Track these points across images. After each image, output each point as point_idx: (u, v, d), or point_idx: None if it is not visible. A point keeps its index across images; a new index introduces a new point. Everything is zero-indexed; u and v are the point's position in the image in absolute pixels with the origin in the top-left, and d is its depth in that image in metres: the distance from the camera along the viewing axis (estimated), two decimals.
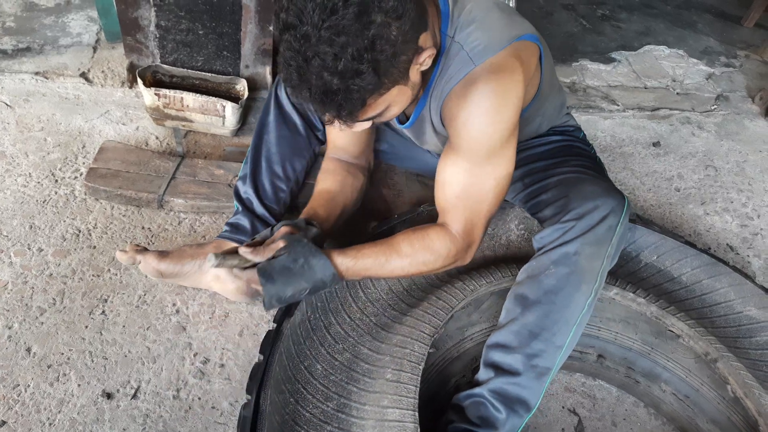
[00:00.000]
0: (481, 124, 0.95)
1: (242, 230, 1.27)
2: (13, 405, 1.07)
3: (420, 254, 1.04)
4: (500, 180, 1.01)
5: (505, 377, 1.01)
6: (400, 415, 0.91)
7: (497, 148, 0.98)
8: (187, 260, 1.21)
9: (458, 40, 0.97)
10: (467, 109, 0.95)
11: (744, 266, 1.66)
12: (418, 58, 0.89)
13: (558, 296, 1.00)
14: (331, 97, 0.82)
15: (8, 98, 1.73)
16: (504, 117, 0.95)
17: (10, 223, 1.39)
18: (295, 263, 0.98)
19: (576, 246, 1.00)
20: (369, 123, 0.97)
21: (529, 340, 1.01)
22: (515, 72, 0.95)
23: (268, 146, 1.33)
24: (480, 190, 1.01)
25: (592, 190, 1.04)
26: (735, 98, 2.46)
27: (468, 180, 1.01)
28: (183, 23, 1.71)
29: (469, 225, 1.04)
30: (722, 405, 1.19)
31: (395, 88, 0.89)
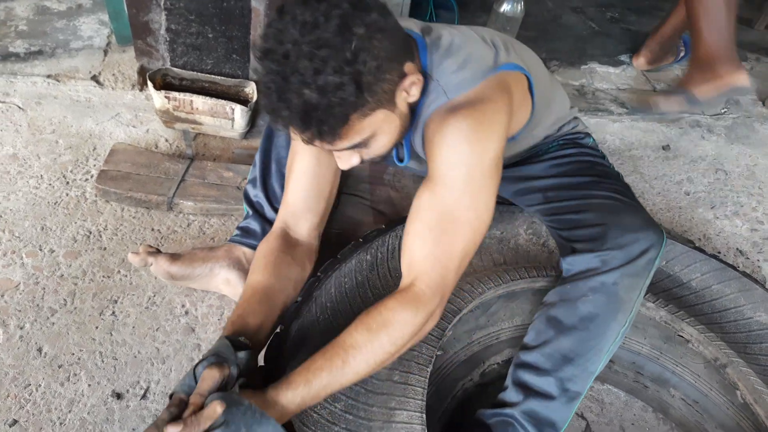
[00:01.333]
0: (460, 148, 0.88)
1: (253, 234, 1.27)
2: (24, 404, 1.09)
3: (382, 336, 0.85)
4: (479, 214, 0.90)
5: (538, 400, 1.01)
6: (407, 416, 0.92)
7: (477, 176, 0.89)
8: (198, 263, 1.22)
9: (435, 77, 0.94)
10: (445, 134, 0.89)
11: (754, 271, 1.65)
12: (403, 83, 0.86)
13: (593, 323, 1.00)
14: (312, 114, 0.78)
15: (20, 101, 1.76)
16: (484, 145, 0.89)
17: (22, 224, 1.40)
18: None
19: (616, 276, 0.99)
20: (355, 156, 0.92)
21: (562, 365, 1.01)
22: (496, 101, 0.91)
23: (278, 150, 1.32)
24: (456, 221, 0.89)
25: (632, 221, 1.03)
26: (745, 101, 2.44)
27: (441, 212, 0.89)
28: (193, 27, 1.73)
29: (440, 275, 0.88)
30: (731, 410, 1.18)
31: (381, 112, 0.85)
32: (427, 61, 0.95)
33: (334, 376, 0.84)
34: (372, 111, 0.83)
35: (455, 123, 0.88)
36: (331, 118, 0.78)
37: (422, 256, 0.89)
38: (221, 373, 0.78)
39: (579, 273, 1.03)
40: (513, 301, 1.23)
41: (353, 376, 0.86)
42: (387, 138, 0.91)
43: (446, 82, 0.93)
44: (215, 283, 1.24)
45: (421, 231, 0.90)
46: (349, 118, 0.80)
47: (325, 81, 0.75)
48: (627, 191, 1.16)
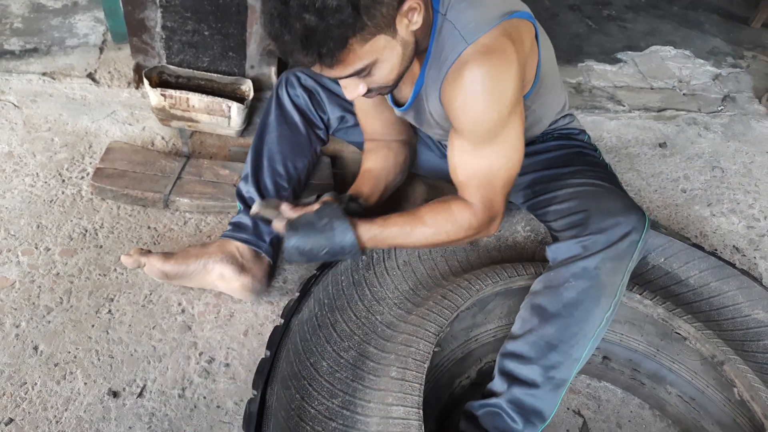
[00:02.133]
0: (478, 107, 0.95)
1: (245, 229, 1.28)
2: (20, 402, 1.08)
3: (443, 225, 1.06)
4: (509, 156, 1.02)
5: (522, 388, 1.01)
6: (404, 412, 0.92)
7: (499, 128, 0.98)
8: (191, 260, 1.21)
9: (450, 18, 0.96)
10: (463, 93, 0.95)
11: (750, 268, 1.65)
12: (402, 7, 0.88)
13: (577, 309, 1.00)
14: (311, 37, 0.81)
15: (16, 98, 1.75)
16: (501, 97, 0.94)
17: (17, 222, 1.40)
18: (320, 221, 1.06)
19: (597, 260, 0.99)
20: (361, 84, 0.96)
21: (546, 352, 1.01)
22: (508, 52, 0.93)
23: (269, 146, 1.34)
24: (489, 170, 1.02)
25: (613, 206, 1.03)
26: (742, 99, 2.45)
27: (476, 162, 1.02)
28: (189, 24, 1.72)
29: (487, 201, 1.05)
30: (728, 407, 1.18)
31: (381, 37, 0.87)
32: (440, 3, 0.98)
33: (402, 234, 1.09)
34: (372, 36, 0.86)
35: (472, 81, 0.93)
36: (330, 41, 0.82)
37: (469, 189, 1.05)
38: (334, 199, 1.14)
39: (562, 259, 1.04)
40: (510, 298, 1.23)
41: (414, 242, 1.10)
42: (390, 65, 0.94)
43: (462, 23, 0.95)
44: (210, 279, 1.24)
45: (463, 173, 1.05)
46: (348, 41, 0.83)
47: (323, 4, 0.78)
48: (611, 179, 1.17)
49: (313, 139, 1.40)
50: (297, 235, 1.06)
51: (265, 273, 1.28)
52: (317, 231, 1.06)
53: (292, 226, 1.08)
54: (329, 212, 1.08)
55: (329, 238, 1.06)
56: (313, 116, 1.39)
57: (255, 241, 1.27)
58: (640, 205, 1.07)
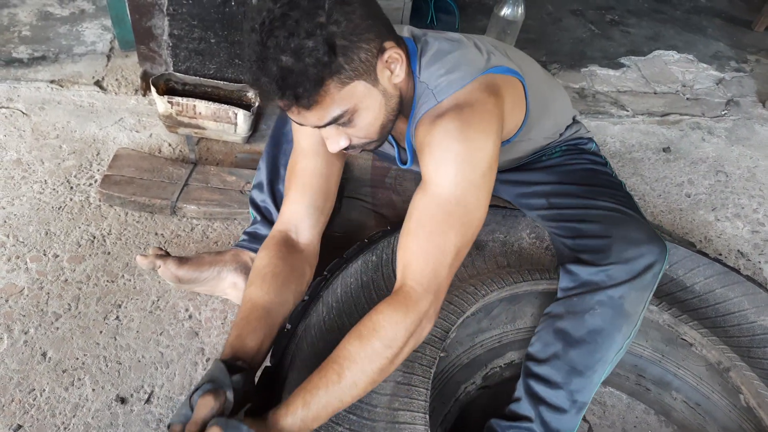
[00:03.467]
0: (449, 165, 0.87)
1: (261, 239, 1.26)
2: (28, 409, 1.09)
3: (374, 341, 0.83)
4: (471, 218, 0.90)
5: (551, 412, 1.03)
6: (410, 417, 0.92)
7: (468, 175, 0.88)
8: (205, 267, 1.22)
9: (423, 80, 0.95)
10: (432, 145, 0.89)
11: (755, 273, 1.65)
12: (382, 57, 0.87)
13: (601, 336, 1.01)
14: (287, 78, 0.80)
15: (24, 106, 1.77)
16: (474, 143, 0.88)
17: (26, 229, 1.41)
18: None
19: (622, 291, 1.00)
20: (343, 137, 0.91)
21: (572, 377, 1.02)
22: (485, 102, 0.90)
23: (287, 155, 1.31)
24: (447, 230, 0.88)
25: (636, 236, 1.04)
26: (746, 103, 2.45)
27: (433, 220, 0.89)
28: (195, 32, 1.74)
29: (433, 272, 0.88)
30: (734, 413, 1.18)
31: (360, 83, 0.85)
32: (416, 65, 0.97)
33: (332, 392, 0.82)
34: (350, 80, 0.84)
35: (443, 125, 0.88)
36: (306, 80, 0.80)
37: (414, 255, 0.89)
38: (217, 400, 0.78)
39: (583, 284, 1.04)
40: (515, 304, 1.23)
41: (352, 389, 0.83)
42: (372, 115, 0.90)
43: (435, 84, 0.94)
44: (222, 287, 1.24)
45: (414, 231, 0.90)
46: (323, 81, 0.81)
47: (298, 44, 0.78)
48: (630, 201, 1.17)
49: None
50: None
51: None
52: None
53: None
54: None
55: None
56: None
57: None
58: (659, 234, 1.08)
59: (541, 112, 1.13)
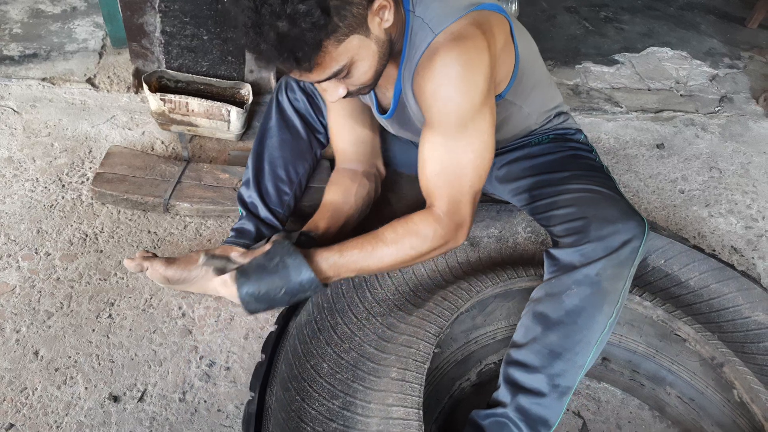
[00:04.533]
0: (448, 93, 0.94)
1: (247, 235, 1.28)
2: (21, 408, 1.08)
3: (406, 239, 1.02)
4: (479, 152, 0.99)
5: (528, 397, 1.01)
6: (404, 413, 0.92)
7: (469, 118, 0.96)
8: (193, 265, 1.21)
9: (418, 14, 0.98)
10: (432, 80, 0.94)
11: (749, 268, 1.66)
12: (372, 6, 0.89)
13: (580, 317, 1.00)
14: (285, 44, 0.83)
15: (15, 104, 1.75)
16: (471, 84, 0.93)
17: (17, 227, 1.40)
18: (270, 261, 1.01)
19: (598, 267, 0.99)
20: (341, 86, 0.96)
21: (551, 360, 1.01)
22: (478, 39, 0.93)
23: (270, 150, 1.34)
24: (458, 164, 0.99)
25: (611, 213, 1.03)
26: (739, 99, 2.46)
27: (445, 155, 0.99)
28: (188, 29, 1.73)
29: (454, 203, 1.01)
30: (727, 408, 1.18)
31: (354, 37, 0.88)
32: (409, 1, 0.99)
33: (363, 256, 1.03)
34: (345, 36, 0.87)
35: (441, 69, 0.93)
36: (304, 45, 0.83)
37: (435, 191, 1.02)
38: (284, 237, 1.11)
39: (562, 267, 1.04)
40: (509, 300, 1.23)
41: (378, 262, 1.04)
42: (367, 64, 0.94)
43: (431, 17, 0.96)
44: (212, 285, 1.23)
45: (430, 171, 1.01)
46: (322, 43, 0.85)
47: (293, 9, 0.80)
48: (609, 182, 1.17)
49: (313, 143, 1.40)
50: (249, 281, 1.01)
51: None
52: (269, 272, 1.00)
53: (242, 272, 1.02)
54: (279, 251, 1.01)
55: (284, 277, 1.00)
56: (313, 120, 1.40)
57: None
58: (638, 210, 1.07)
59: (528, 69, 1.14)
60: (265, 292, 1.00)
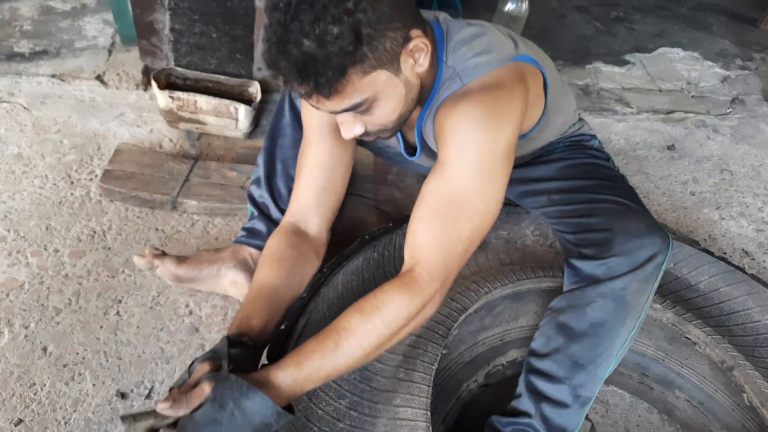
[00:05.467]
0: (471, 132, 0.86)
1: (258, 235, 1.26)
2: (29, 403, 1.09)
3: (375, 318, 0.84)
4: (488, 202, 0.88)
5: (552, 408, 1.02)
6: (412, 414, 0.92)
7: (487, 163, 0.87)
8: (204, 265, 1.21)
9: (451, 64, 0.93)
10: (455, 116, 0.87)
11: (759, 271, 1.64)
12: (408, 46, 0.84)
13: (603, 329, 1.00)
14: (309, 65, 0.77)
15: (25, 101, 1.76)
16: (498, 129, 0.86)
17: (26, 224, 1.41)
18: (222, 411, 0.76)
19: (624, 282, 0.99)
20: (358, 124, 0.90)
21: (574, 372, 1.01)
22: (511, 87, 0.89)
23: (283, 150, 1.31)
24: (462, 209, 0.87)
25: (637, 227, 1.02)
26: (751, 101, 2.43)
27: (448, 197, 0.87)
28: (197, 27, 1.73)
29: (443, 259, 0.87)
30: (737, 412, 1.17)
31: (382, 72, 0.83)
32: (443, 49, 0.94)
33: (327, 359, 0.83)
34: (372, 69, 0.81)
35: (468, 107, 0.86)
36: (328, 69, 0.77)
37: (426, 240, 0.88)
38: (213, 366, 0.81)
39: (585, 278, 1.03)
40: (518, 302, 1.22)
41: (347, 359, 0.84)
42: (391, 105, 0.88)
43: (462, 67, 0.92)
44: (222, 284, 1.24)
45: (427, 215, 0.88)
46: (346, 70, 0.79)
47: (323, 30, 0.75)
48: (632, 195, 1.15)
49: None
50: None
51: None
52: (227, 424, 0.76)
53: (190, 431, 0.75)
54: (229, 393, 0.77)
55: (246, 425, 0.77)
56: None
57: None
58: (662, 225, 1.06)
59: (554, 110, 1.12)
60: None
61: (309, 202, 1.11)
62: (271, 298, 0.99)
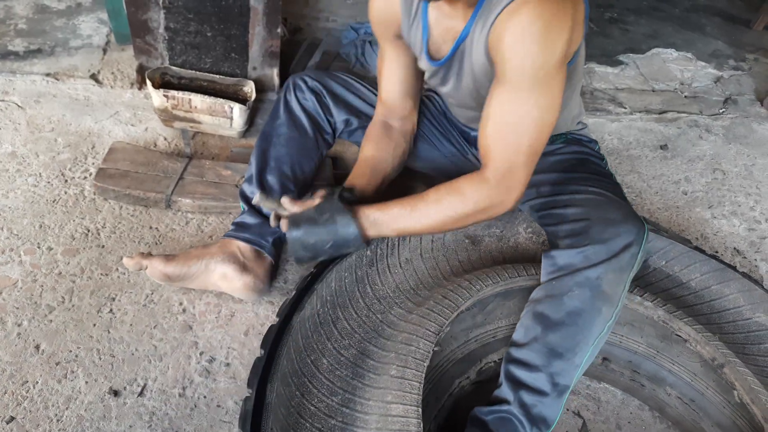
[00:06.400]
0: (529, 48, 0.92)
1: (248, 228, 1.28)
2: (21, 401, 1.09)
3: (448, 199, 1.02)
4: (546, 109, 0.96)
5: (531, 395, 1.03)
6: (403, 410, 0.92)
7: (543, 75, 0.93)
8: (193, 261, 1.22)
9: None
10: (514, 33, 0.92)
11: (751, 270, 1.65)
12: None
13: (580, 318, 1.01)
14: None
15: (19, 99, 1.76)
16: (552, 43, 0.91)
17: (20, 222, 1.41)
18: (321, 216, 1.06)
19: (599, 271, 1.00)
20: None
21: (551, 360, 1.02)
22: (566, 5, 0.92)
23: (277, 148, 1.34)
24: (521, 120, 0.97)
25: (614, 216, 1.04)
26: (743, 101, 2.45)
27: (510, 110, 0.97)
28: (192, 25, 1.73)
29: (507, 164, 0.99)
30: (728, 409, 1.18)
31: None
32: None
33: (403, 214, 1.06)
34: None
35: (527, 21, 0.91)
36: None
37: (493, 149, 1.00)
38: (327, 192, 1.13)
39: (562, 268, 1.04)
40: (510, 299, 1.23)
41: (418, 222, 1.05)
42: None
43: None
44: (212, 279, 1.24)
45: (492, 127, 1.00)
46: None
47: None
48: (615, 189, 1.17)
49: (320, 143, 1.41)
50: (300, 230, 1.06)
51: (267, 272, 1.29)
52: (319, 226, 1.06)
53: (294, 222, 1.07)
54: (329, 207, 1.08)
55: (332, 232, 1.05)
56: (321, 119, 1.40)
57: (257, 240, 1.28)
58: (640, 215, 1.07)
59: (577, 73, 1.15)
60: (312, 243, 1.07)
61: (395, 97, 1.29)
62: (371, 168, 1.25)
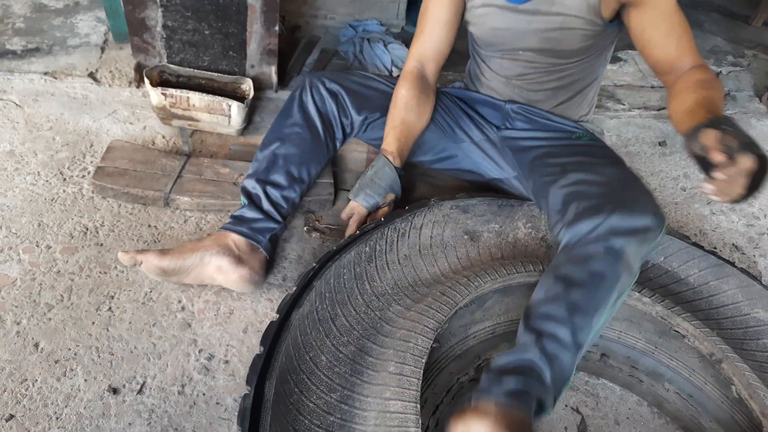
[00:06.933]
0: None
1: (246, 222, 1.29)
2: (21, 399, 1.09)
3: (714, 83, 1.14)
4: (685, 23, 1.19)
5: (553, 344, 0.97)
6: (402, 406, 0.92)
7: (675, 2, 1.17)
8: (187, 255, 1.22)
9: None
10: None
11: (750, 266, 1.65)
12: None
13: (603, 281, 1.02)
14: None
15: (18, 98, 1.76)
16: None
17: (19, 220, 1.41)
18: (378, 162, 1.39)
19: (623, 242, 1.02)
20: None
21: (573, 314, 1.00)
22: None
23: (288, 148, 1.35)
24: (684, 27, 1.18)
25: (645, 200, 1.08)
26: (742, 97, 2.45)
27: (676, 23, 1.18)
28: (189, 23, 1.73)
29: (695, 52, 1.18)
30: (726, 404, 1.18)
31: None
32: None
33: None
34: None
35: None
36: None
37: (682, 46, 1.18)
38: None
39: (587, 234, 1.04)
40: (508, 296, 1.23)
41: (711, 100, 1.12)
42: None
43: None
44: (208, 272, 1.24)
45: (667, 37, 1.18)
46: None
47: None
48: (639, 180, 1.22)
49: (330, 147, 1.42)
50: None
51: (262, 265, 1.29)
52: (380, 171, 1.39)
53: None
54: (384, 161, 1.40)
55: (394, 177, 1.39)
56: (335, 123, 1.41)
57: (253, 235, 1.28)
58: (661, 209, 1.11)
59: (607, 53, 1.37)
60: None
61: (431, 51, 1.38)
62: (406, 131, 1.38)
